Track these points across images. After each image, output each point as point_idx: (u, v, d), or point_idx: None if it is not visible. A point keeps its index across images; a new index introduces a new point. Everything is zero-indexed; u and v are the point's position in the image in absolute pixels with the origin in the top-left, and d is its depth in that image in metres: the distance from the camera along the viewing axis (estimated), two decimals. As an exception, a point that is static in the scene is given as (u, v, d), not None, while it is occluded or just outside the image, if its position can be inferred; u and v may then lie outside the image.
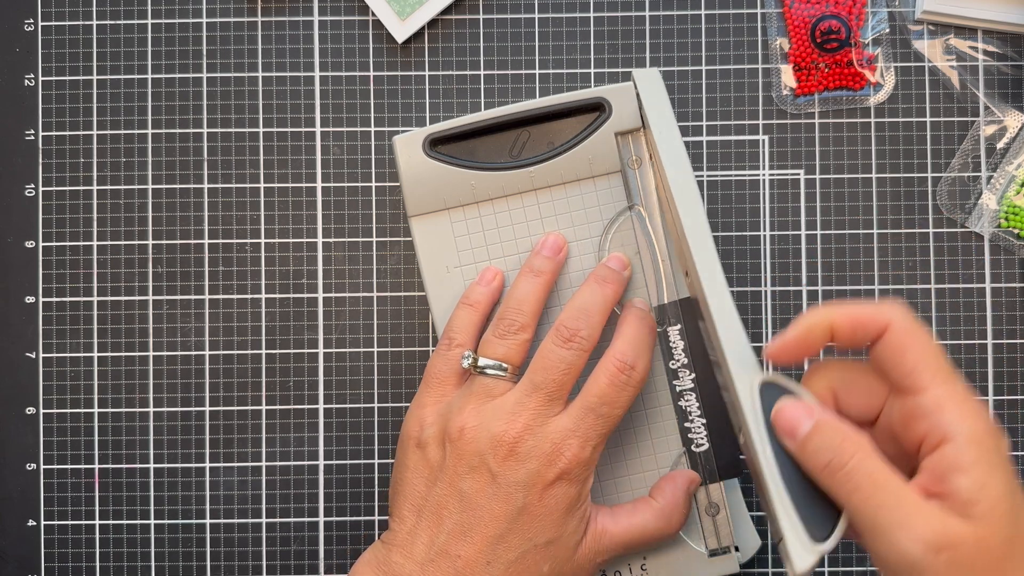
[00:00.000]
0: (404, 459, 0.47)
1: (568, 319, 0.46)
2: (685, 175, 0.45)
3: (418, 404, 0.47)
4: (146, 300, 0.54)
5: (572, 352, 0.45)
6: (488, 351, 0.46)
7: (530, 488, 0.44)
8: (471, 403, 0.45)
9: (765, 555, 0.53)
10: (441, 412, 0.46)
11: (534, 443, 0.44)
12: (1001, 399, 0.53)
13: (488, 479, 0.44)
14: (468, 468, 0.44)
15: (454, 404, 0.46)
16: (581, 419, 0.45)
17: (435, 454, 0.45)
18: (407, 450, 0.47)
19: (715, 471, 0.49)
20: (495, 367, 0.46)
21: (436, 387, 0.47)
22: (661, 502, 0.47)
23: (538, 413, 0.44)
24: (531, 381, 0.45)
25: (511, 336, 0.46)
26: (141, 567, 0.54)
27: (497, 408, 0.45)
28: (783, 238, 0.54)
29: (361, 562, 0.46)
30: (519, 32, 0.54)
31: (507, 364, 0.46)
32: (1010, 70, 0.53)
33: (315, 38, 0.54)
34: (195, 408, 0.54)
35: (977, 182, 0.53)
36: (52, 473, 0.54)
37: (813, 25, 0.53)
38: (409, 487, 0.46)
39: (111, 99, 0.55)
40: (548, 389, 0.45)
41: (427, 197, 0.50)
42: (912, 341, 0.38)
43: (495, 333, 0.47)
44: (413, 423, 0.47)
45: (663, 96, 0.47)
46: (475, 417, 0.45)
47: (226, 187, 0.54)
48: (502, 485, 0.44)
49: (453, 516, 0.44)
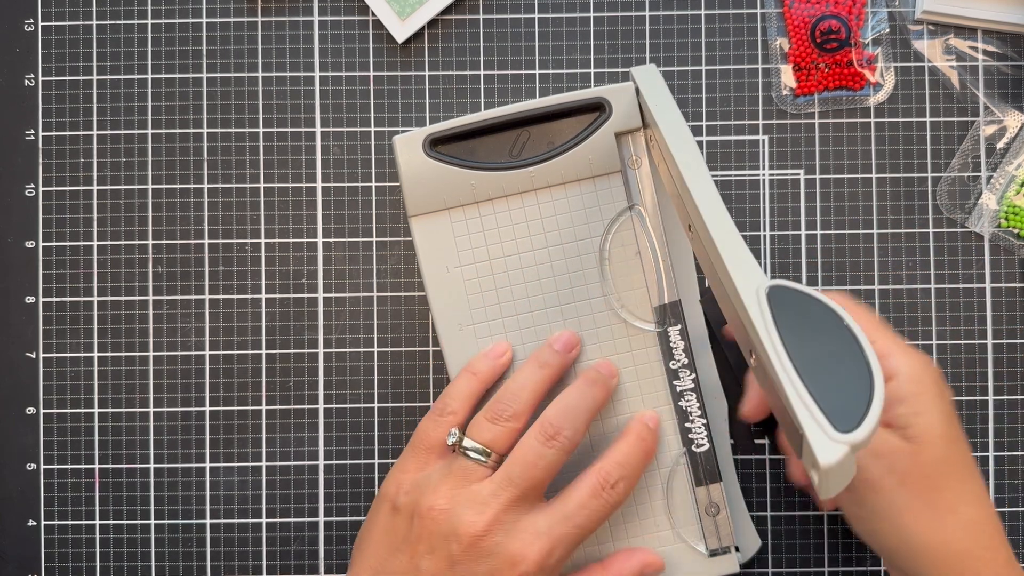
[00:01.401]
0: (375, 517, 0.47)
1: (554, 416, 0.46)
2: (695, 159, 0.44)
3: (400, 468, 0.47)
4: (146, 300, 0.54)
5: (553, 451, 0.45)
6: (475, 433, 0.46)
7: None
8: (447, 483, 0.45)
9: (766, 555, 0.53)
10: (418, 483, 0.46)
11: (500, 539, 0.44)
12: (1001, 399, 0.53)
13: (447, 564, 0.44)
14: (429, 548, 0.44)
15: (432, 479, 0.45)
16: (555, 525, 0.44)
17: (404, 524, 0.45)
18: (380, 510, 0.46)
19: (716, 471, 0.49)
20: (478, 451, 0.45)
21: (421, 454, 0.47)
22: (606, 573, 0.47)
23: (509, 509, 0.44)
24: (508, 475, 0.45)
25: (501, 423, 0.46)
26: (141, 567, 0.54)
27: (471, 495, 0.44)
28: (783, 238, 0.54)
29: None
30: (519, 32, 0.54)
31: (491, 451, 0.45)
32: (1010, 70, 0.53)
33: (315, 38, 0.54)
34: (195, 408, 0.54)
35: (977, 182, 0.53)
36: (52, 473, 0.54)
37: (813, 25, 0.53)
38: (373, 548, 0.46)
39: (111, 99, 0.55)
40: (523, 486, 0.44)
41: (427, 197, 0.50)
42: (860, 309, 0.46)
43: (487, 415, 0.46)
44: (392, 484, 0.47)
45: (664, 90, 0.47)
46: (448, 500, 0.44)
47: (226, 187, 0.54)
48: (459, 574, 0.44)
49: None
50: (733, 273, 0.39)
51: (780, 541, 0.53)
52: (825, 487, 0.35)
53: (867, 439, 0.35)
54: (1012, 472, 0.53)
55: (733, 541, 0.50)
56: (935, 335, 0.53)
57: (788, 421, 0.37)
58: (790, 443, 0.38)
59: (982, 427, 0.53)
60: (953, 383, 0.53)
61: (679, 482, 0.50)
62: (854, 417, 0.35)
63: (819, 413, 0.35)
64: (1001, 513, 0.53)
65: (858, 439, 0.35)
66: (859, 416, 0.35)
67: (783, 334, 0.37)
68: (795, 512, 0.53)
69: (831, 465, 0.34)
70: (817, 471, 0.35)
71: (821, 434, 0.35)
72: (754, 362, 0.40)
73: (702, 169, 0.43)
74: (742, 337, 0.41)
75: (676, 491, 0.50)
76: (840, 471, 0.35)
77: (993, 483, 0.53)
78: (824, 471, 0.34)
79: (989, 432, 0.53)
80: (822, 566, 0.53)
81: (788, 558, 0.53)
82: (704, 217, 0.41)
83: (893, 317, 0.53)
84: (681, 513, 0.50)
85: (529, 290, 0.50)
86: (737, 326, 0.41)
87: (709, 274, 0.43)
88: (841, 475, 0.35)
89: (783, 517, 0.53)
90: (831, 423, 0.35)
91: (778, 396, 0.37)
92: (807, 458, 0.36)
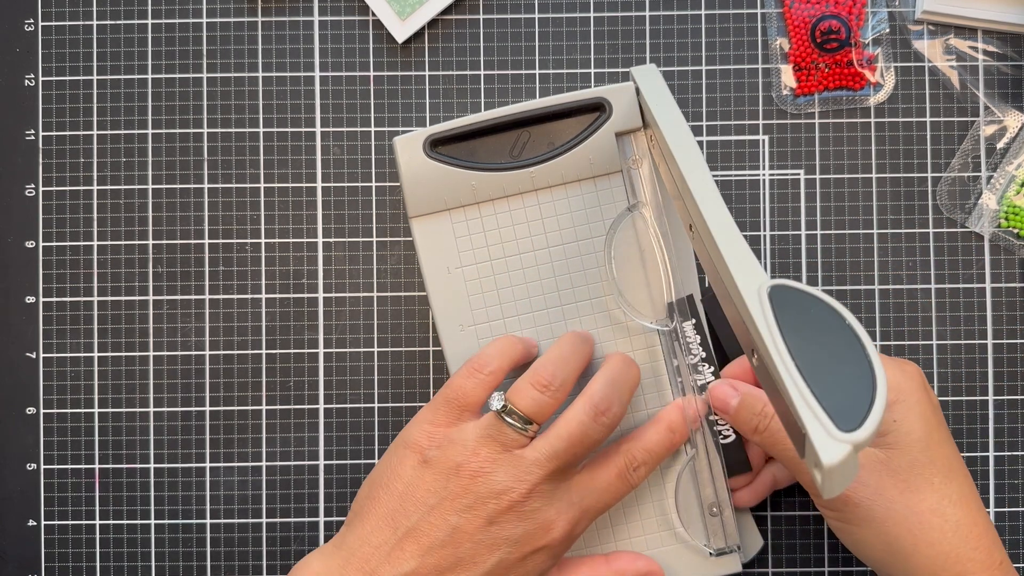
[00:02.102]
0: (399, 468, 0.45)
1: (603, 391, 0.45)
2: (695, 158, 0.44)
3: (431, 419, 0.46)
4: (146, 300, 0.54)
5: (601, 428, 0.45)
6: (518, 400, 0.45)
7: (517, 547, 0.44)
8: (487, 446, 0.44)
9: (766, 555, 0.53)
10: (452, 439, 0.45)
11: (539, 506, 0.44)
12: (1001, 399, 0.53)
13: (483, 522, 0.44)
14: (465, 506, 0.44)
15: (469, 439, 0.45)
16: (585, 497, 0.46)
17: (435, 479, 0.44)
18: (405, 461, 0.45)
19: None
20: (521, 420, 0.45)
21: (455, 410, 0.46)
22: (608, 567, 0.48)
23: (550, 479, 0.44)
24: (552, 447, 0.44)
25: (549, 392, 0.45)
26: (141, 567, 0.54)
27: (514, 461, 0.44)
28: (783, 238, 0.54)
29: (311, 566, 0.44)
30: (519, 32, 0.54)
31: (533, 421, 0.45)
32: (1010, 70, 0.53)
33: (315, 38, 0.54)
34: (195, 408, 0.54)
35: (977, 182, 0.53)
36: (52, 473, 0.54)
37: (813, 25, 0.53)
38: (396, 500, 0.45)
39: (111, 99, 0.54)
40: (566, 459, 0.45)
41: (428, 198, 0.50)
42: None
43: (533, 382, 0.45)
44: (421, 436, 0.46)
45: (664, 90, 0.47)
46: (490, 463, 0.44)
47: (226, 187, 0.54)
48: (493, 534, 0.44)
49: (434, 548, 0.44)
50: (734, 272, 0.40)
51: (781, 541, 0.53)
52: (828, 487, 0.35)
53: (870, 438, 0.35)
54: (1012, 472, 0.53)
55: (736, 541, 0.50)
56: (935, 335, 0.53)
57: (790, 420, 0.37)
58: (792, 442, 0.38)
59: (982, 427, 0.53)
60: (953, 383, 0.53)
61: (684, 482, 0.50)
62: (857, 416, 0.35)
63: (822, 412, 0.35)
64: (1001, 513, 0.53)
65: (861, 438, 0.35)
66: (862, 415, 0.35)
67: (785, 333, 0.37)
68: (795, 512, 0.53)
69: (834, 464, 0.34)
70: (820, 470, 0.35)
71: (824, 433, 0.35)
72: (756, 361, 0.40)
73: (702, 169, 0.43)
74: (744, 337, 0.41)
75: (680, 490, 0.50)
76: (843, 470, 0.35)
77: (993, 483, 0.53)
78: (827, 470, 0.34)
79: (989, 432, 0.53)
80: (822, 566, 0.53)
81: (788, 558, 0.53)
82: (705, 216, 0.41)
83: (893, 317, 0.53)
84: (685, 513, 0.50)
85: (530, 290, 0.50)
86: (738, 325, 0.41)
87: (710, 273, 0.43)
88: (844, 474, 0.35)
89: (784, 517, 0.53)
90: (834, 422, 0.35)
91: (780, 396, 0.37)
92: (810, 457, 0.36)
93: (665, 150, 0.46)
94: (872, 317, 0.53)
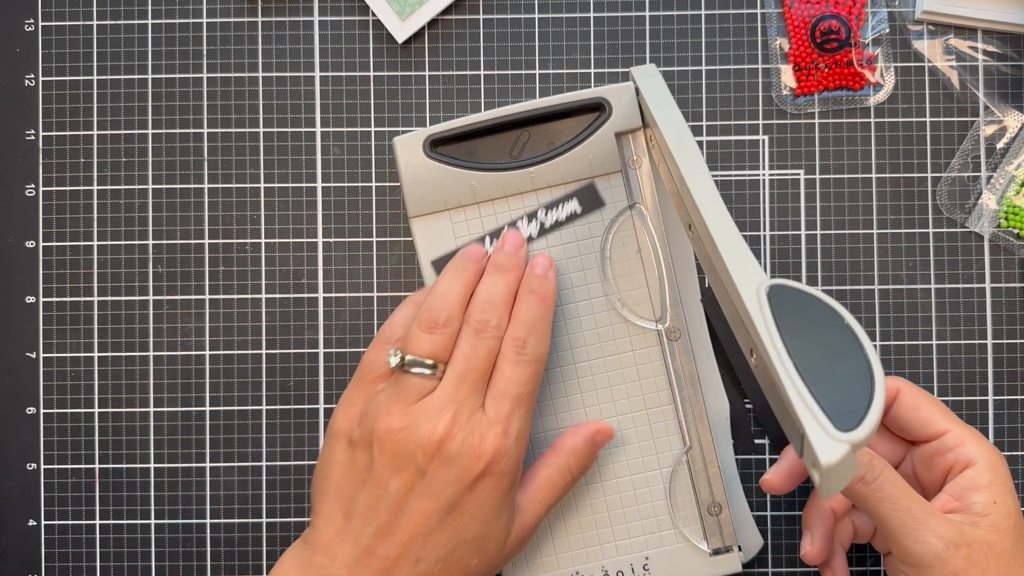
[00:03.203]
0: (332, 457, 0.46)
1: (477, 312, 0.46)
2: (695, 158, 0.44)
3: (347, 402, 0.47)
4: (146, 300, 0.54)
5: (487, 340, 0.46)
6: (415, 347, 0.45)
7: (458, 484, 0.44)
8: (397, 403, 0.45)
9: (767, 555, 0.53)
10: (369, 411, 0.46)
11: (462, 438, 0.44)
12: (1001, 399, 0.53)
13: (416, 478, 0.44)
14: (396, 468, 0.44)
15: (380, 403, 0.45)
16: (497, 407, 0.45)
17: (363, 455, 0.45)
18: (335, 448, 0.46)
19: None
20: (423, 364, 0.45)
21: (367, 385, 0.47)
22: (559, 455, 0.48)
23: (463, 405, 0.45)
24: (454, 374, 0.45)
25: (438, 330, 0.45)
26: (141, 567, 0.54)
27: (425, 407, 0.44)
28: (783, 238, 0.54)
29: (283, 563, 0.46)
30: (519, 32, 0.54)
31: (436, 360, 0.45)
32: (1010, 70, 0.53)
33: (315, 38, 0.54)
34: (195, 408, 0.54)
35: (977, 182, 0.53)
36: (52, 473, 0.54)
37: (813, 25, 0.53)
38: (337, 486, 0.46)
39: (111, 99, 0.55)
40: (470, 379, 0.45)
41: (427, 198, 0.50)
42: (921, 398, 0.47)
43: (421, 327, 0.46)
44: (342, 420, 0.47)
45: (664, 90, 0.47)
46: (403, 418, 0.44)
47: (226, 187, 0.54)
48: (431, 482, 0.44)
49: (381, 516, 0.44)
50: (733, 272, 0.40)
51: (781, 541, 0.53)
52: (826, 486, 0.35)
53: (867, 438, 0.35)
54: (1013, 472, 0.53)
55: (735, 540, 0.50)
56: (935, 335, 0.53)
57: (789, 420, 0.37)
58: (791, 442, 0.38)
59: (982, 427, 0.53)
60: (953, 383, 0.53)
61: (681, 481, 0.50)
62: (855, 416, 0.36)
63: (820, 412, 0.35)
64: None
65: (859, 438, 0.35)
66: (860, 415, 0.36)
67: (784, 333, 0.37)
68: (796, 512, 0.53)
69: (832, 464, 0.34)
70: (818, 470, 0.35)
71: (822, 433, 0.35)
72: (754, 361, 0.40)
73: (702, 169, 0.43)
74: (742, 336, 0.41)
75: (678, 490, 0.50)
76: (840, 470, 0.35)
77: (993, 483, 0.53)
78: (825, 470, 0.34)
79: (989, 432, 0.53)
80: (822, 566, 0.53)
81: (789, 558, 0.53)
82: (704, 216, 0.42)
83: (893, 317, 0.53)
84: (683, 512, 0.50)
85: (529, 290, 0.50)
86: (738, 325, 0.41)
87: (709, 273, 0.43)
88: (841, 474, 0.35)
89: (784, 517, 0.53)
90: (832, 422, 0.35)
91: (779, 395, 0.38)
92: (808, 457, 0.36)
93: (665, 150, 0.46)
94: (872, 317, 0.53)
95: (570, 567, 0.50)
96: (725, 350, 0.52)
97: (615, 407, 0.50)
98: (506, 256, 0.48)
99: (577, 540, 0.50)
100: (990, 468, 0.45)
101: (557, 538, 0.50)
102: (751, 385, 0.52)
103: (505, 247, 0.48)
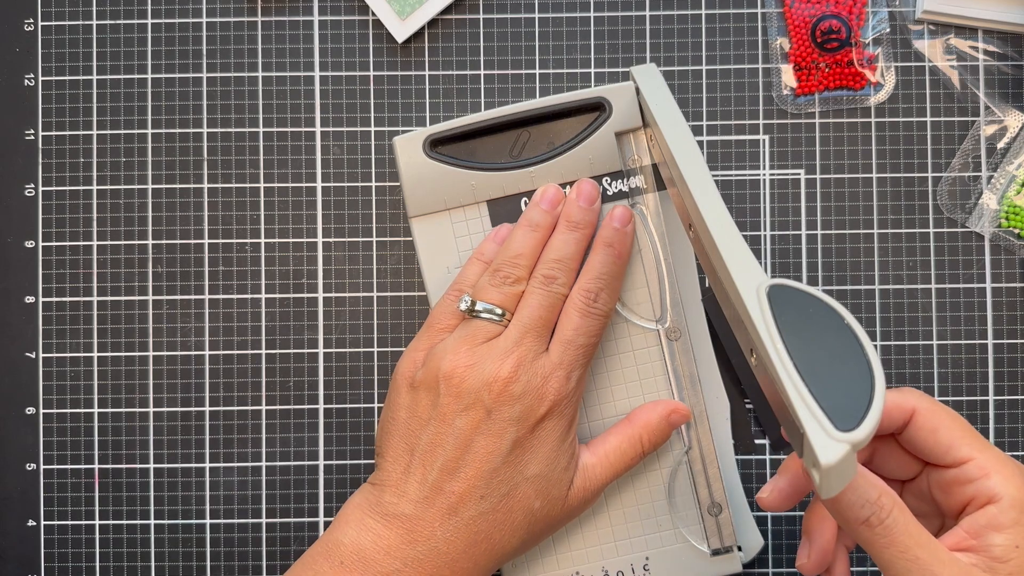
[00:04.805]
0: (397, 400, 0.47)
1: (546, 268, 0.47)
2: (695, 158, 0.44)
3: (414, 348, 0.48)
4: (146, 300, 0.54)
5: (552, 296, 0.47)
6: (484, 296, 0.47)
7: (522, 423, 0.45)
8: (465, 344, 0.46)
9: (767, 555, 0.53)
10: (435, 353, 0.47)
11: (526, 379, 0.45)
12: (1001, 399, 0.53)
13: (483, 415, 0.45)
14: (463, 406, 0.45)
15: (448, 346, 0.46)
16: (562, 353, 0.46)
17: (427, 396, 0.46)
18: (400, 391, 0.47)
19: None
20: (492, 312, 0.46)
21: (436, 332, 0.48)
22: (632, 426, 0.48)
23: (529, 350, 0.46)
24: (520, 322, 0.46)
25: (507, 287, 0.47)
26: (141, 567, 0.54)
27: (491, 348, 0.46)
28: (783, 238, 0.54)
29: (351, 505, 0.46)
30: (519, 32, 0.54)
31: (502, 309, 0.47)
32: (1010, 70, 0.53)
33: (315, 38, 0.54)
34: (195, 408, 0.54)
35: (977, 182, 0.53)
36: (52, 473, 0.54)
37: (813, 25, 0.53)
38: (403, 427, 0.46)
39: (111, 99, 0.54)
40: (535, 327, 0.46)
41: (427, 198, 0.50)
42: (941, 420, 0.42)
43: (492, 282, 0.47)
44: (407, 364, 0.48)
45: (664, 89, 0.47)
46: (470, 357, 0.46)
47: (226, 187, 0.54)
48: (496, 421, 0.45)
49: (447, 453, 0.45)
50: (733, 272, 0.40)
51: (781, 541, 0.53)
52: (826, 486, 0.35)
53: (867, 438, 0.35)
54: (1012, 472, 0.53)
55: (735, 541, 0.50)
56: (935, 335, 0.53)
57: (789, 420, 0.37)
58: (791, 441, 0.38)
59: (982, 427, 0.53)
60: (953, 383, 0.53)
61: (681, 481, 0.50)
62: (855, 416, 0.36)
63: (820, 412, 0.35)
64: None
65: (859, 438, 0.35)
66: (860, 415, 0.36)
67: (784, 333, 0.37)
68: (796, 512, 0.53)
69: (832, 464, 0.34)
70: (818, 470, 0.35)
71: (822, 433, 0.35)
72: (754, 361, 0.40)
73: (702, 169, 0.43)
74: (742, 336, 0.41)
75: (678, 491, 0.50)
76: (840, 470, 0.35)
77: (993, 483, 0.53)
78: (825, 470, 0.34)
79: (989, 432, 0.53)
80: (822, 566, 0.53)
81: (789, 558, 0.53)
82: (704, 216, 0.42)
83: (893, 317, 0.53)
84: (683, 512, 0.50)
85: (529, 290, 0.50)
86: (738, 325, 0.41)
87: (710, 273, 0.43)
88: (841, 474, 0.35)
89: (784, 517, 0.53)
90: (832, 422, 0.35)
91: (779, 395, 0.37)
92: (808, 457, 0.36)
93: (665, 150, 0.46)
94: (872, 317, 0.53)
95: (570, 567, 0.50)
96: (725, 350, 0.52)
97: (615, 407, 0.50)
98: (580, 211, 0.48)
99: (577, 540, 0.50)
100: (1015, 506, 0.39)
101: (557, 538, 0.50)
102: (751, 385, 0.52)
103: (580, 200, 0.49)
